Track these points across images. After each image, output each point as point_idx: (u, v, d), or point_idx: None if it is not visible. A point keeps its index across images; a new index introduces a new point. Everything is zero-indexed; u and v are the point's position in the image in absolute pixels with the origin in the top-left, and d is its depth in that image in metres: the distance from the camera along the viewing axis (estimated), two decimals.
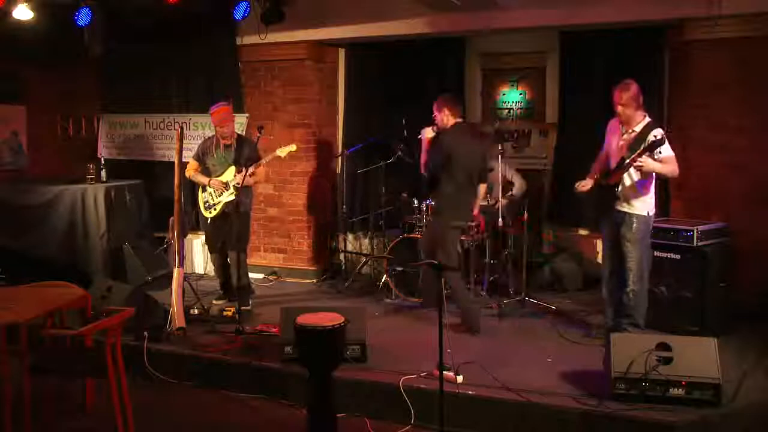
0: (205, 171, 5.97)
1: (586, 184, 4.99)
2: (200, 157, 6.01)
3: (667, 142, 4.59)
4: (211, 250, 6.22)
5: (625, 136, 4.85)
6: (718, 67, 5.61)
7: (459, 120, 5.34)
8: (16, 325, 3.75)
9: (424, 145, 5.36)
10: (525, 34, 7.02)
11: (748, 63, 5.50)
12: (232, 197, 5.77)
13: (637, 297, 4.81)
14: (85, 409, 4.32)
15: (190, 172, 5.99)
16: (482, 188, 5.58)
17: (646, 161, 4.55)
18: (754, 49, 5.46)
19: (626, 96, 4.71)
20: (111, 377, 3.75)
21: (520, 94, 7.67)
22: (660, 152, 4.60)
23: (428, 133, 5.35)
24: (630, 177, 4.77)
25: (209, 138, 6.10)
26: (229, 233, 5.84)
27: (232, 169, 5.83)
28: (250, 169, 5.68)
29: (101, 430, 4.07)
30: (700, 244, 5.09)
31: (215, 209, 5.89)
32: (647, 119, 4.81)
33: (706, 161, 5.70)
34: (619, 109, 4.77)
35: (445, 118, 5.28)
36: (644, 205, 4.81)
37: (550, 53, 7.28)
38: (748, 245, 5.42)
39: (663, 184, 5.51)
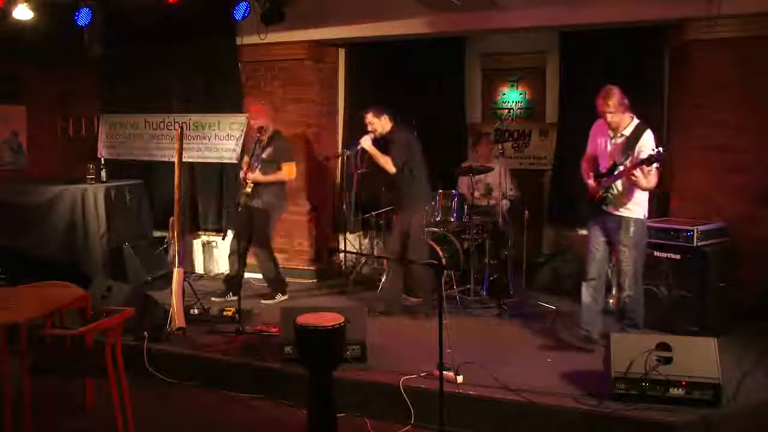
0: None
1: (594, 188, 4.83)
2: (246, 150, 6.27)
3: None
4: (236, 237, 6.39)
5: (614, 140, 4.73)
6: (718, 67, 5.60)
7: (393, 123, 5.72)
8: (16, 325, 3.75)
9: (370, 150, 5.62)
10: (525, 34, 7.03)
11: (748, 63, 5.50)
12: (248, 190, 5.94)
13: (634, 300, 4.77)
14: (85, 409, 4.32)
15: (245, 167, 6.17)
16: None
17: (639, 178, 4.45)
18: (754, 49, 5.45)
19: (612, 103, 4.57)
20: (111, 377, 3.74)
21: (520, 94, 7.67)
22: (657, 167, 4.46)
23: (367, 140, 5.65)
24: (623, 182, 4.64)
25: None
26: (249, 227, 6.12)
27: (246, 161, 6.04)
28: (256, 170, 5.95)
29: (101, 430, 4.06)
30: (700, 244, 5.08)
31: (241, 201, 6.02)
32: (635, 121, 4.67)
33: (706, 161, 5.69)
34: (608, 117, 4.62)
35: (385, 123, 5.67)
36: (640, 208, 4.71)
37: (550, 53, 7.29)
38: (748, 245, 5.42)
39: (663, 183, 5.50)
